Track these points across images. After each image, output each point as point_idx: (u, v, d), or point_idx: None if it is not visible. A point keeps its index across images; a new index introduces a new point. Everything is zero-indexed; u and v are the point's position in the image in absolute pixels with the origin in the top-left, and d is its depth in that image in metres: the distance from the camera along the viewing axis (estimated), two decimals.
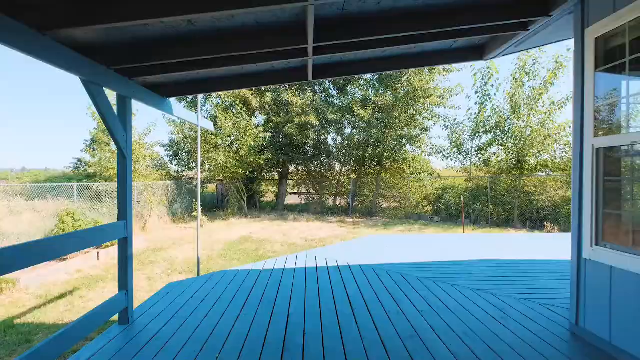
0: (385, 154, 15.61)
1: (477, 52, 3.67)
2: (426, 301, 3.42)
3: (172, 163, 17.46)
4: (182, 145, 16.13)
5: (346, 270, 4.59)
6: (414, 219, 14.87)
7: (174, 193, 14.76)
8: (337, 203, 18.30)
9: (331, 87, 18.46)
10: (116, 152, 3.00)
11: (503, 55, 3.71)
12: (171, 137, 15.82)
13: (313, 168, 19.14)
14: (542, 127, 12.27)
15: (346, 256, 5.36)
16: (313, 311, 3.20)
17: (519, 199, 13.21)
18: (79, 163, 15.12)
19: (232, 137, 14.89)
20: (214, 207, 17.80)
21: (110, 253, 7.97)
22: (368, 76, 17.70)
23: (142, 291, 5.85)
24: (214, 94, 14.56)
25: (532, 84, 12.89)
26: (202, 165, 16.55)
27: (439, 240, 6.96)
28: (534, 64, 12.80)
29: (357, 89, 17.11)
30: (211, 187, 21.56)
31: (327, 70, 3.57)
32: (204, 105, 16.73)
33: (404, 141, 15.57)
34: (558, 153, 12.83)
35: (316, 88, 17.42)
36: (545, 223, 11.92)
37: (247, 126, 14.12)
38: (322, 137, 17.86)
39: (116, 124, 2.79)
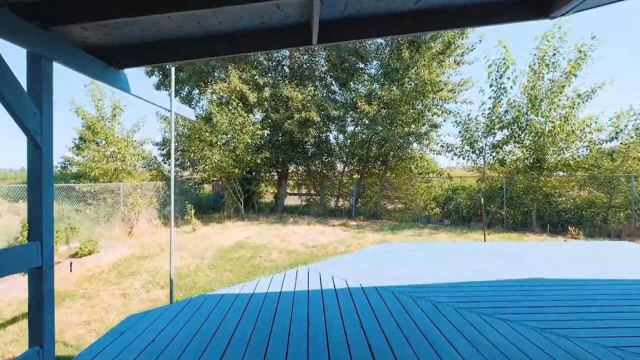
0: (391, 153, 14.64)
1: (541, 8, 2.70)
2: (475, 347, 2.45)
3: (165, 162, 16.51)
4: (178, 143, 15.18)
5: (358, 294, 3.63)
6: (423, 222, 13.89)
7: (167, 194, 13.80)
8: (340, 204, 17.35)
9: (333, 83, 17.53)
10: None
11: (575, 12, 2.74)
12: (164, 135, 14.87)
13: (314, 168, 18.20)
14: (565, 122, 11.27)
15: (356, 272, 4.40)
16: None
17: (537, 201, 12.22)
18: (67, 162, 14.19)
19: (229, 136, 13.95)
20: (210, 209, 16.86)
21: (85, 263, 7.02)
22: (372, 70, 16.78)
23: (112, 313, 4.90)
24: (208, 89, 13.62)
25: (551, 76, 11.90)
26: (196, 164, 15.64)
27: (461, 250, 5.98)
28: (554, 54, 11.80)
29: (360, 85, 16.16)
30: (208, 188, 20.67)
31: (338, 31, 2.60)
32: (199, 102, 15.82)
33: (412, 138, 14.59)
34: (581, 151, 11.83)
35: (317, 83, 16.47)
36: (569, 227, 10.92)
37: (244, 123, 13.17)
38: (324, 135, 16.91)
39: (21, 97, 1.83)
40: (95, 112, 11.44)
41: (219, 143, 14.14)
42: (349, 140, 16.67)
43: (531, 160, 12.45)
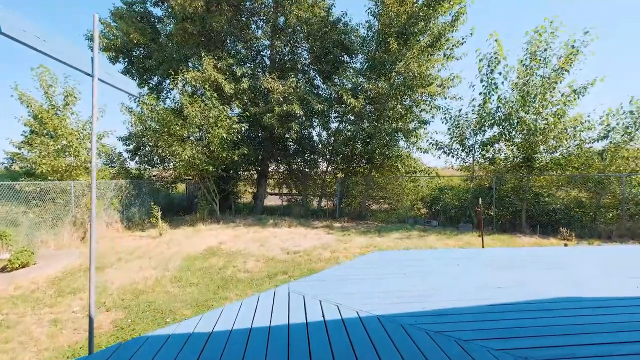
0: (377, 150, 13.86)
1: None
2: None
3: (132, 160, 15.09)
4: (145, 138, 13.75)
5: (356, 327, 2.72)
6: (410, 223, 13.19)
7: (131, 194, 12.48)
8: (323, 205, 16.46)
9: (316, 76, 16.61)
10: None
11: None
12: (130, 129, 13.48)
13: (296, 166, 17.22)
14: (558, 119, 10.80)
15: (349, 292, 3.49)
16: None
17: (526, 201, 11.74)
18: (13, 159, 12.56)
19: (201, 132, 12.77)
20: (183, 210, 15.57)
21: (14, 279, 5.79)
22: (357, 65, 15.99)
23: (29, 353, 3.78)
24: (179, 78, 12.37)
25: (542, 72, 11.42)
26: (165, 161, 14.34)
27: (465, 259, 5.17)
28: (545, 49, 11.33)
29: (345, 80, 15.30)
30: (181, 187, 19.35)
31: None
32: (169, 92, 14.52)
33: (399, 135, 13.86)
34: (571, 150, 11.40)
35: (300, 76, 15.50)
36: (560, 228, 10.45)
37: (219, 116, 12.03)
38: (306, 131, 15.95)
39: None
40: (45, 100, 10.02)
41: (191, 138, 12.95)
42: (333, 138, 15.80)
43: (520, 158, 11.97)
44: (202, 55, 12.58)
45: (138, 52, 15.45)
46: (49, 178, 9.64)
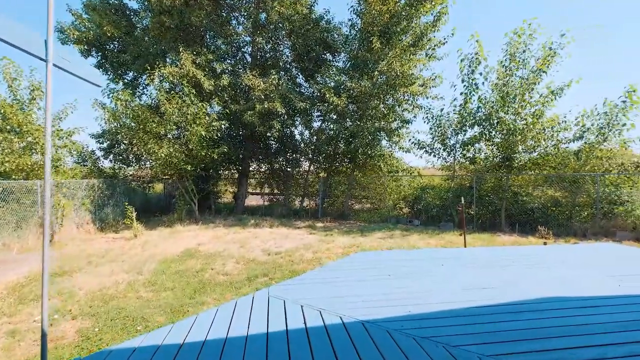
0: (360, 150, 13.80)
1: None
2: None
3: (106, 158, 14.45)
4: (120, 136, 13.13)
5: (339, 334, 2.56)
6: (392, 222, 13.19)
7: (105, 194, 11.93)
8: (305, 205, 16.27)
9: (298, 75, 16.40)
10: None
11: None
12: (103, 126, 12.87)
13: (277, 165, 16.96)
14: (536, 120, 11.02)
15: (332, 296, 3.34)
16: None
17: (506, 200, 11.93)
18: None
19: (180, 129, 12.35)
20: (160, 211, 15.04)
21: None
22: (340, 63, 15.88)
23: None
24: (156, 73, 11.90)
25: (521, 73, 11.62)
26: (141, 159, 13.82)
27: (447, 259, 5.11)
28: (524, 51, 11.54)
29: (328, 79, 15.13)
30: (159, 187, 18.76)
31: None
32: (146, 88, 13.98)
33: (382, 134, 13.83)
34: (549, 150, 11.65)
35: (282, 73, 15.24)
36: (538, 227, 10.65)
37: (197, 113, 11.64)
38: (288, 129, 15.72)
39: None
40: (8, 94, 9.39)
41: (169, 136, 12.50)
42: (316, 137, 15.63)
43: (500, 158, 12.16)
44: (180, 50, 12.15)
45: (112, 46, 14.80)
46: (14, 177, 9.04)
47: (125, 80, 14.83)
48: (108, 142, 14.19)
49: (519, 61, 11.52)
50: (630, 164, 10.86)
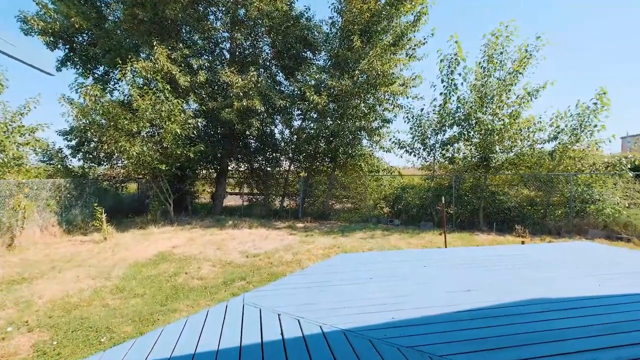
0: (341, 149, 13.67)
1: None
2: None
3: (74, 156, 13.69)
4: (89, 133, 12.43)
5: (319, 345, 2.38)
6: (373, 222, 13.15)
7: (72, 195, 11.29)
8: (285, 205, 16.02)
9: (278, 72, 16.12)
10: None
11: None
12: (71, 123, 12.15)
13: (257, 164, 16.63)
14: (513, 120, 11.22)
15: (311, 302, 3.15)
16: None
17: (484, 199, 12.10)
18: None
19: (154, 127, 11.84)
20: (134, 212, 14.41)
21: None
22: (321, 62, 15.70)
23: None
24: (128, 69, 11.35)
25: (499, 75, 11.80)
26: (113, 158, 13.21)
27: (431, 260, 5.03)
28: (501, 53, 11.73)
29: (308, 77, 14.92)
30: (133, 187, 18.04)
31: None
32: (118, 83, 13.35)
33: (363, 134, 13.77)
34: (525, 150, 11.88)
35: (261, 70, 14.93)
36: (515, 226, 10.85)
37: (172, 110, 11.19)
38: (268, 128, 15.42)
39: None
40: None
41: (142, 134, 11.97)
42: (296, 136, 15.39)
43: (478, 158, 12.31)
44: (154, 44, 11.64)
45: (81, 38, 14.03)
46: None
47: (96, 75, 14.11)
48: (77, 139, 13.45)
49: (496, 62, 11.69)
50: (601, 164, 11.22)
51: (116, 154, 12.31)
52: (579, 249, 5.66)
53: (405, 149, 13.27)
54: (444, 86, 12.27)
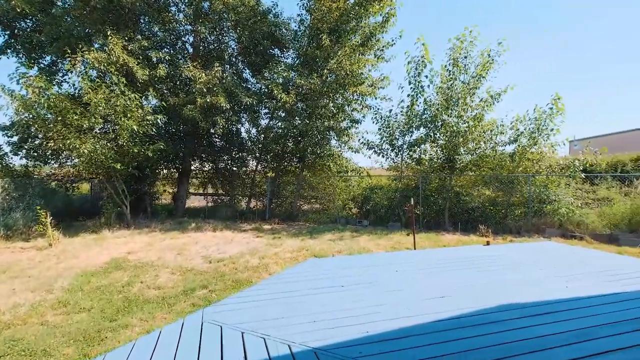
0: (309, 149, 13.43)
1: None
2: None
3: (16, 154, 12.41)
4: (33, 128, 11.26)
5: None
6: (342, 223, 13.03)
7: (13, 196, 10.20)
8: (252, 206, 15.54)
9: (245, 69, 15.60)
10: None
11: None
12: (12, 117, 10.96)
13: (222, 164, 16.01)
14: (477, 123, 11.53)
15: (280, 316, 2.88)
16: None
17: (449, 200, 12.36)
18: None
19: (108, 123, 10.98)
20: (86, 214, 13.30)
21: None
22: (289, 60, 15.37)
23: None
24: (78, 60, 10.42)
25: (463, 78, 12.10)
26: (62, 156, 12.15)
27: (405, 262, 4.92)
28: (465, 57, 12.03)
29: (275, 75, 14.53)
30: (85, 187, 16.79)
31: None
32: (67, 74, 12.26)
33: (331, 133, 13.62)
34: (487, 152, 12.27)
35: (226, 66, 14.35)
36: (479, 225, 11.15)
37: (129, 105, 10.41)
38: (234, 127, 14.87)
39: None
40: None
41: (95, 130, 11.06)
42: (263, 135, 14.95)
43: (443, 159, 12.56)
44: (109, 34, 10.77)
45: (24, 24, 12.74)
46: None
47: (42, 65, 12.86)
48: (19, 135, 12.18)
49: (461, 66, 11.97)
50: (556, 166, 11.80)
51: (65, 152, 11.29)
52: (542, 249, 5.80)
53: (373, 149, 13.29)
54: (411, 88, 12.39)
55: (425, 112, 12.31)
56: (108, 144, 10.67)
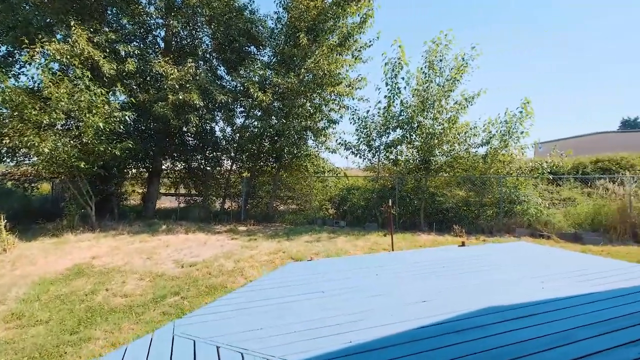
0: (286, 149, 13.24)
1: None
2: None
3: None
4: None
5: None
6: (319, 224, 12.92)
7: None
8: (227, 207, 15.13)
9: (220, 66, 15.17)
10: None
11: None
12: None
13: (195, 164, 15.49)
14: (452, 125, 11.76)
15: (258, 327, 2.72)
16: None
17: (424, 201, 12.54)
18: None
19: (71, 119, 10.31)
20: (46, 216, 12.44)
21: None
22: (265, 58, 15.10)
23: None
24: (37, 51, 9.72)
25: (439, 81, 12.32)
26: (19, 154, 11.33)
27: (384, 265, 4.86)
28: (441, 60, 12.25)
29: (251, 73, 14.19)
30: (46, 187, 15.79)
31: None
32: (25, 66, 11.42)
33: (308, 134, 13.48)
34: (461, 153, 12.53)
35: (200, 63, 13.89)
36: (453, 226, 11.36)
37: (94, 100, 9.81)
38: (208, 125, 14.42)
39: None
40: None
41: (57, 126, 10.35)
42: (239, 134, 14.59)
43: (419, 160, 12.73)
44: (72, 24, 10.11)
45: None
46: None
47: None
48: None
49: (437, 69, 12.18)
50: (526, 168, 12.24)
51: (23, 150, 10.51)
52: (516, 249, 5.93)
53: (351, 150, 13.28)
54: (388, 89, 12.47)
55: (402, 113, 12.43)
56: (71, 141, 10.02)
